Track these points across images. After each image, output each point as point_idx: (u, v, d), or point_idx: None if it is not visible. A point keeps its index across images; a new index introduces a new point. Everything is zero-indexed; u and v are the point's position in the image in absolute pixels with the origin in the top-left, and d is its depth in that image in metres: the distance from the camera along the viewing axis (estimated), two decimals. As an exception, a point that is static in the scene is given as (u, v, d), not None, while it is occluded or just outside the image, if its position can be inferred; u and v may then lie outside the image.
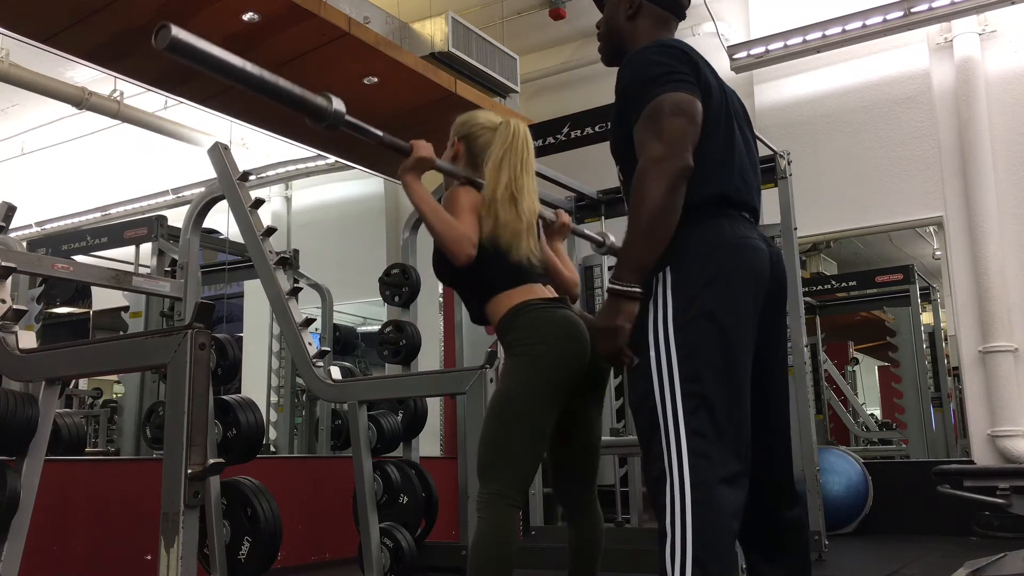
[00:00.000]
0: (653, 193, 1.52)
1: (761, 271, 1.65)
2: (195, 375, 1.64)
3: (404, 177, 2.05)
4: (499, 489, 1.91)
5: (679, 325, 1.57)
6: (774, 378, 1.73)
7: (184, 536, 1.57)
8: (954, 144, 5.47)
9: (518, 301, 2.03)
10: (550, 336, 1.98)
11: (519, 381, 1.97)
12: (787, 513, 1.74)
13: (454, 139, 2.24)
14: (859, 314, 7.87)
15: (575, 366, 1.99)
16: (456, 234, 1.98)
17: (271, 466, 4.50)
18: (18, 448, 2.13)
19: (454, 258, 1.98)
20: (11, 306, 2.23)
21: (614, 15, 1.86)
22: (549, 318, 2.01)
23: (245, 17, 4.10)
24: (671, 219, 1.54)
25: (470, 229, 2.00)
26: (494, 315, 2.06)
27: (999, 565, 3.21)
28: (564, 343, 1.98)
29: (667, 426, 1.54)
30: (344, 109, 1.86)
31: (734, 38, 6.13)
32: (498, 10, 6.31)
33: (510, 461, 1.94)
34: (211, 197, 3.30)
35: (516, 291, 2.04)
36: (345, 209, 7.30)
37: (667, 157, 1.53)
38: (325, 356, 3.04)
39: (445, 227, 1.99)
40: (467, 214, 2.03)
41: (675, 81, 1.60)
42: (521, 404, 1.95)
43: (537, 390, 1.95)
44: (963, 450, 5.88)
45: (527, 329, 2.00)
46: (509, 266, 2.05)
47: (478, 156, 2.17)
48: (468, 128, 2.23)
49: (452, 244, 1.97)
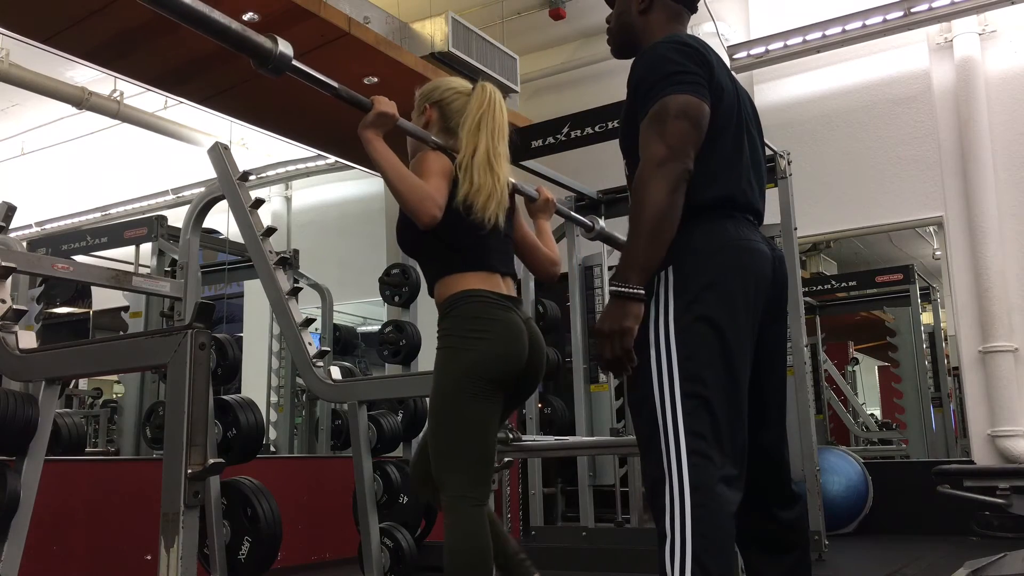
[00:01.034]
0: (654, 195, 1.52)
1: (763, 274, 1.65)
2: (195, 375, 1.64)
3: (364, 133, 1.93)
4: (457, 492, 1.88)
5: (680, 326, 1.57)
6: (773, 379, 1.73)
7: (184, 536, 1.57)
8: (954, 144, 5.47)
9: (469, 287, 1.96)
10: (484, 336, 1.92)
11: (447, 380, 1.92)
12: (786, 513, 1.74)
13: (424, 105, 2.16)
14: (859, 314, 7.88)
15: (503, 372, 1.93)
16: (422, 193, 1.88)
17: (271, 466, 4.50)
18: (18, 448, 2.13)
19: (417, 218, 1.88)
20: (11, 306, 2.23)
21: (626, 9, 1.84)
22: (491, 315, 1.94)
23: (245, 17, 4.10)
24: (672, 221, 1.54)
25: (437, 191, 1.91)
26: (441, 294, 2.00)
27: (999, 565, 3.21)
28: (496, 346, 1.92)
29: (666, 427, 1.54)
30: (291, 53, 1.74)
31: (734, 38, 6.13)
32: (498, 10, 6.30)
33: (459, 461, 1.90)
34: (211, 197, 3.29)
35: (472, 275, 1.98)
36: (345, 209, 7.30)
37: (668, 160, 1.53)
38: (325, 356, 3.04)
39: (409, 186, 1.89)
40: (436, 177, 1.94)
41: (685, 83, 1.59)
42: (452, 402, 1.91)
43: (466, 386, 1.89)
44: (963, 450, 5.88)
45: (463, 320, 1.94)
46: (475, 239, 1.99)
47: (450, 120, 2.11)
48: (441, 93, 2.15)
49: (416, 203, 1.87)
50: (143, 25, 4.08)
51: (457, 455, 1.91)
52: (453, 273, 1.99)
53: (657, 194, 1.52)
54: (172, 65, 4.50)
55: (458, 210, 1.98)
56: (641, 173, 1.55)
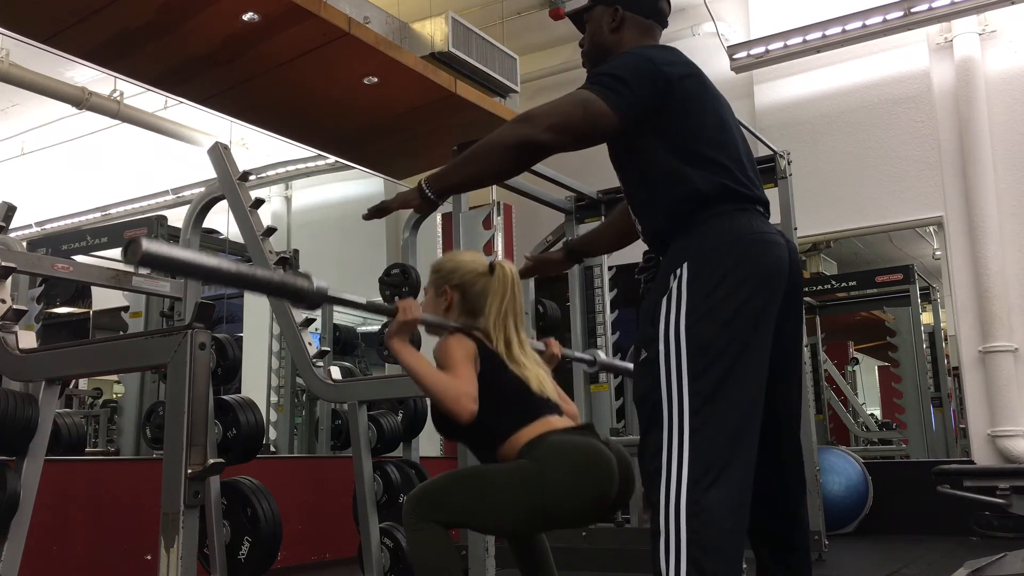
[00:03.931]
0: (503, 139, 1.65)
1: (780, 268, 1.64)
2: (195, 375, 1.64)
3: (391, 343, 1.92)
4: (425, 515, 1.87)
5: (691, 321, 1.56)
6: (788, 373, 1.73)
7: (184, 536, 1.57)
8: (954, 144, 5.47)
9: (538, 433, 1.88)
10: (572, 468, 1.81)
11: (516, 490, 1.82)
12: (799, 510, 1.74)
13: (444, 287, 2.11)
14: (859, 314, 7.87)
15: (592, 503, 1.82)
16: (455, 392, 1.85)
17: (271, 466, 4.50)
18: (18, 448, 2.13)
19: (456, 417, 1.85)
20: (11, 306, 2.24)
21: (598, 30, 1.88)
22: (572, 445, 1.84)
23: (245, 17, 4.09)
24: (492, 166, 1.68)
25: (468, 384, 1.87)
26: (510, 455, 1.89)
27: (999, 565, 3.21)
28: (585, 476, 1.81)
29: (671, 422, 1.53)
30: (327, 287, 1.79)
31: (734, 38, 6.13)
32: (498, 10, 6.31)
33: (455, 518, 1.88)
34: (211, 197, 3.29)
35: (532, 426, 1.90)
36: (345, 209, 7.29)
37: (542, 129, 1.62)
38: (325, 356, 3.04)
39: (442, 387, 1.86)
40: (462, 367, 1.91)
41: (614, 90, 1.63)
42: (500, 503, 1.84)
43: (524, 508, 1.82)
44: (963, 450, 5.87)
45: (547, 451, 1.84)
46: (525, 402, 1.95)
47: (473, 303, 2.07)
48: (461, 276, 2.10)
49: (451, 404, 1.84)
50: (143, 25, 4.08)
51: (456, 511, 1.88)
52: (513, 434, 1.91)
53: (505, 140, 1.65)
54: (172, 65, 4.50)
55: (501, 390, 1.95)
56: (514, 120, 1.68)
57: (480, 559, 2.72)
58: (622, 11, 1.84)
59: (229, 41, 4.28)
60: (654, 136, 1.69)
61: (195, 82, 4.69)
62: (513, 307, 2.05)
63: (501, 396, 1.93)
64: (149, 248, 1.38)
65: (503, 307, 2.03)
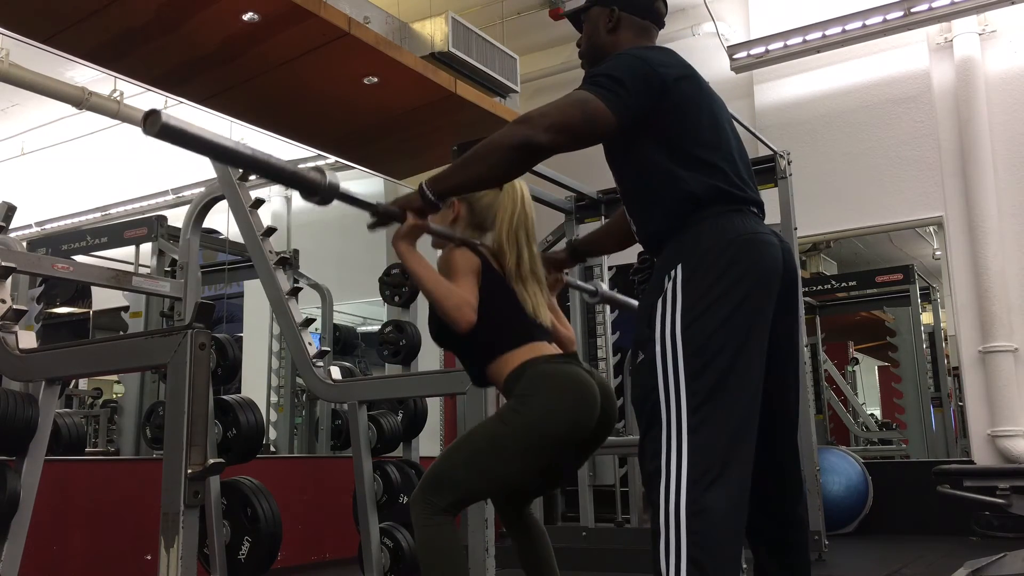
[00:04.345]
0: (503, 141, 1.64)
1: (774, 268, 1.65)
2: (195, 375, 1.64)
3: (398, 245, 1.93)
4: (435, 502, 1.85)
5: (687, 322, 1.57)
6: (785, 372, 1.73)
7: (184, 536, 1.57)
8: (954, 144, 5.47)
9: (524, 359, 1.92)
10: (550, 391, 1.86)
11: (500, 431, 1.87)
12: (796, 509, 1.74)
13: (452, 200, 2.10)
14: (859, 314, 7.88)
15: (573, 426, 1.87)
16: (456, 300, 1.88)
17: (271, 466, 4.50)
18: (18, 448, 2.13)
19: (455, 325, 1.88)
20: (11, 306, 2.24)
21: (595, 31, 1.89)
22: (553, 371, 1.89)
23: (245, 17, 4.09)
24: (494, 169, 1.68)
25: (469, 293, 1.91)
26: (498, 376, 1.96)
27: (999, 565, 3.21)
28: (564, 399, 1.86)
29: (669, 422, 1.54)
30: (339, 183, 1.84)
31: (734, 38, 6.13)
32: (498, 10, 6.31)
33: (459, 491, 1.87)
34: (211, 197, 3.29)
35: (521, 350, 1.93)
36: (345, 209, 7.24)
37: (541, 130, 1.61)
38: (325, 356, 3.04)
39: (444, 294, 1.89)
40: (465, 277, 1.94)
41: (611, 91, 1.64)
42: (492, 452, 1.86)
43: (513, 445, 1.84)
44: (963, 450, 5.88)
45: (528, 381, 1.89)
46: (518, 324, 1.97)
47: (480, 216, 2.09)
48: None
49: (453, 311, 1.87)
50: (143, 25, 4.08)
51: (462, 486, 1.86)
52: (502, 354, 1.94)
53: (506, 142, 1.63)
54: (172, 65, 4.50)
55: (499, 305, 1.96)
56: (513, 121, 1.67)
57: (480, 559, 2.72)
58: (618, 12, 1.86)
59: (229, 41, 4.28)
60: (649, 137, 1.70)
61: (195, 82, 4.68)
62: (525, 222, 2.06)
63: (496, 314, 1.95)
64: (168, 121, 1.40)
65: (514, 221, 2.05)
